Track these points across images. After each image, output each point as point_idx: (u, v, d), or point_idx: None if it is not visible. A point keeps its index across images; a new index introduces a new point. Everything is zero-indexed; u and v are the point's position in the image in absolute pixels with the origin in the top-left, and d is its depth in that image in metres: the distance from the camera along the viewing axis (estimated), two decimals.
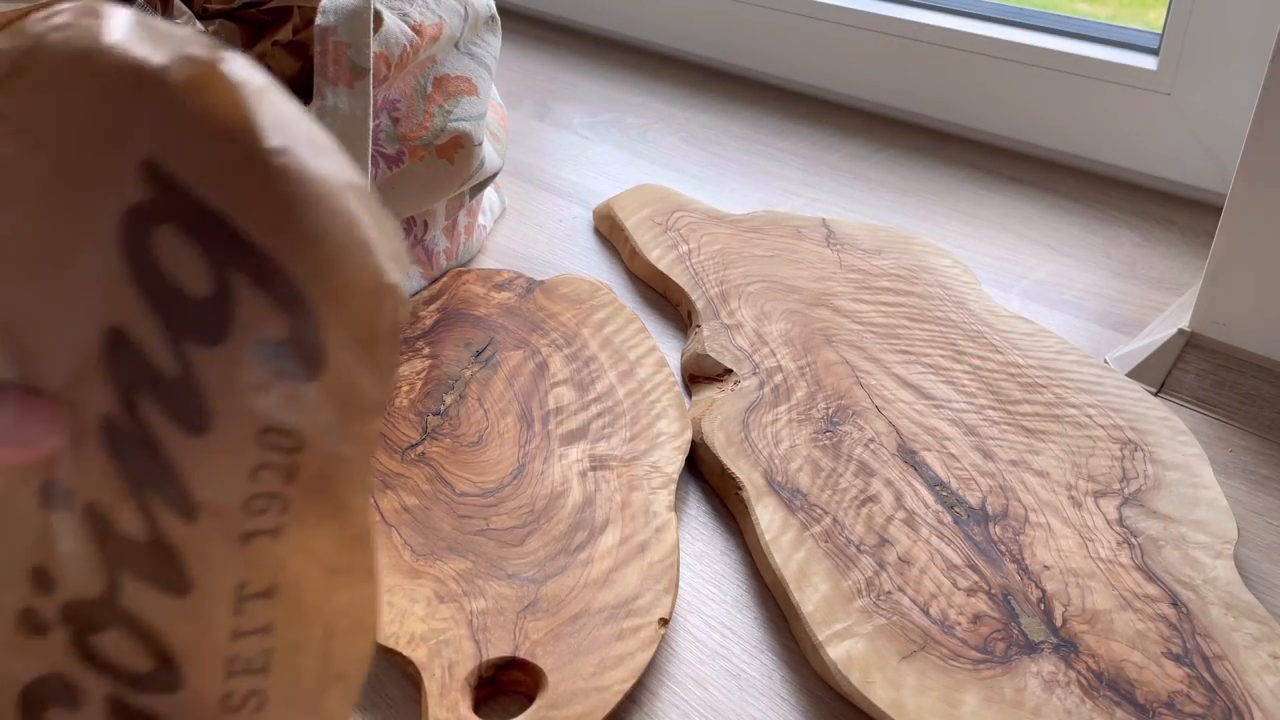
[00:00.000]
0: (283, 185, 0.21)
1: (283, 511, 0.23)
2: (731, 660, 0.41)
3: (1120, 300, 0.65)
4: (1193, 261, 0.69)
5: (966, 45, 0.84)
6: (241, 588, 0.23)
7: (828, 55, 0.94)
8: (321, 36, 0.49)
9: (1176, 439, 0.50)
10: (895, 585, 0.42)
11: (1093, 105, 0.79)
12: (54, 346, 0.21)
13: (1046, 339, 0.57)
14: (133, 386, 0.22)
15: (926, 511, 0.46)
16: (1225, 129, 0.73)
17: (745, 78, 1.02)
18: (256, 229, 0.21)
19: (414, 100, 0.58)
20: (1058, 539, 0.44)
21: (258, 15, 0.65)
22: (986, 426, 0.51)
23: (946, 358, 0.55)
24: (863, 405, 0.52)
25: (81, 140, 0.21)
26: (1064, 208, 0.76)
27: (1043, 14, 0.84)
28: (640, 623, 0.41)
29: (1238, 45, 0.71)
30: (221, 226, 0.21)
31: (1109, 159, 0.80)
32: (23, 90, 0.21)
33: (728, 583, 0.45)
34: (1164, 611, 0.41)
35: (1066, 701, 0.37)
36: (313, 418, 0.22)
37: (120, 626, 0.23)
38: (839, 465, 0.48)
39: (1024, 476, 0.48)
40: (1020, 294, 0.65)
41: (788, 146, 0.87)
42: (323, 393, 0.22)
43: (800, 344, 0.57)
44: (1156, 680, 0.38)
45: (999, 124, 0.85)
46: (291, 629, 0.24)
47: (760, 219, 0.70)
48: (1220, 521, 0.45)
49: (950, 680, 0.38)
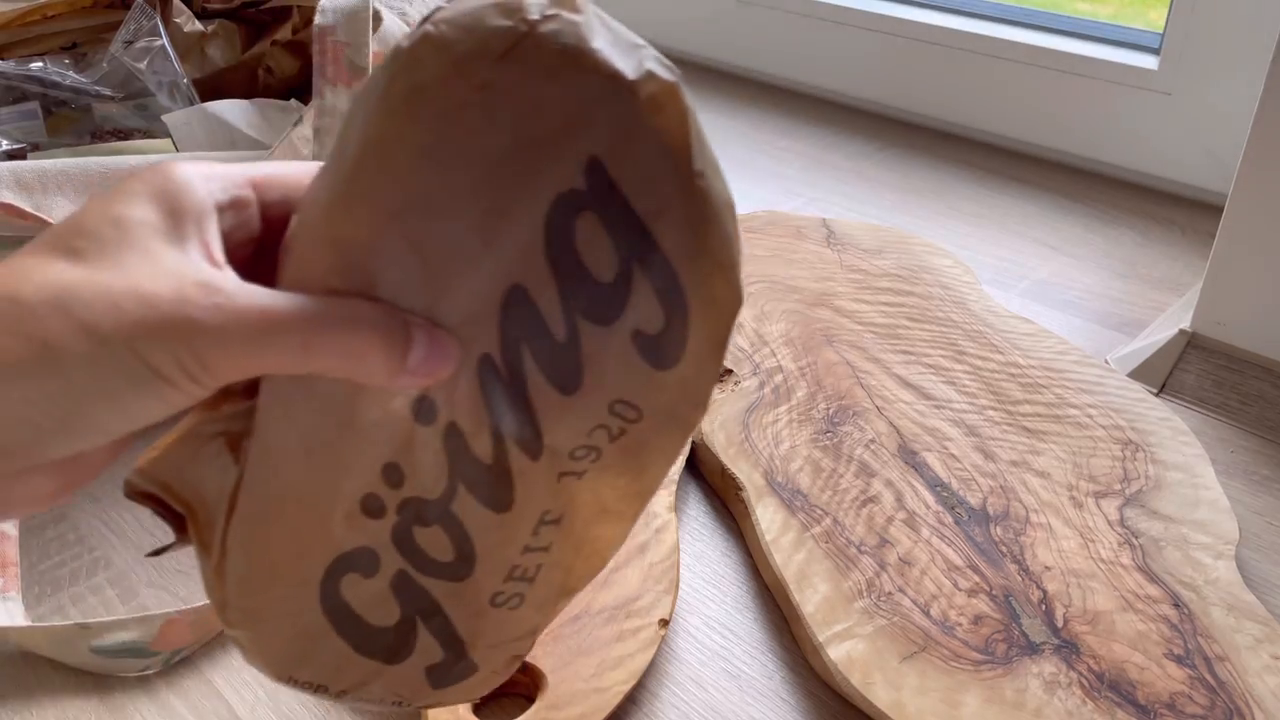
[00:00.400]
0: (697, 204, 0.24)
1: (594, 461, 0.27)
2: (732, 661, 0.41)
3: (1121, 300, 0.65)
4: (1194, 261, 0.68)
5: (968, 45, 0.84)
6: (544, 515, 0.28)
7: (829, 55, 0.94)
8: (320, 36, 0.49)
9: (1178, 439, 0.50)
10: (896, 586, 0.42)
11: (1094, 105, 0.79)
12: (462, 289, 0.25)
13: (1047, 339, 0.57)
14: (520, 339, 0.25)
15: (927, 512, 0.46)
16: (1226, 129, 0.73)
17: (746, 77, 1.01)
18: (666, 237, 0.24)
19: None
20: (1059, 540, 0.44)
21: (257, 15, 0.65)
22: (987, 427, 0.51)
23: (947, 358, 0.55)
24: (863, 406, 0.52)
25: (544, 124, 0.24)
26: (1065, 207, 0.76)
27: (1044, 14, 0.84)
28: (640, 624, 0.40)
29: (1239, 45, 0.71)
30: (639, 229, 0.24)
31: (1110, 159, 0.80)
32: (512, 69, 0.23)
33: (728, 584, 0.45)
34: (1165, 612, 0.41)
35: (1068, 703, 0.37)
36: (656, 399, 0.26)
37: (442, 525, 0.28)
38: (839, 466, 0.48)
39: (1025, 477, 0.47)
40: (1021, 294, 0.65)
41: (789, 146, 0.86)
42: (672, 381, 0.26)
43: (801, 344, 0.56)
44: (1158, 681, 0.38)
45: (1000, 124, 0.85)
46: (560, 550, 0.29)
47: (761, 218, 0.70)
48: (1221, 522, 0.45)
49: (951, 681, 0.38)
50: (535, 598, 0.30)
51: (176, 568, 0.45)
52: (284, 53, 0.64)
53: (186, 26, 0.61)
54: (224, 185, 0.26)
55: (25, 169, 0.47)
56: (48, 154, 0.55)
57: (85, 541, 0.47)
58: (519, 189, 0.24)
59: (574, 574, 0.30)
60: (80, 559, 0.46)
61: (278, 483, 0.26)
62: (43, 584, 0.45)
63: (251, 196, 0.27)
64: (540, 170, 0.24)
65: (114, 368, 0.23)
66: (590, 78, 0.23)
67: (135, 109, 0.58)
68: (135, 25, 0.58)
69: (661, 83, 0.24)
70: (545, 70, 0.23)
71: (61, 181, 0.47)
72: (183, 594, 0.44)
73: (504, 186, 0.24)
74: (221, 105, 0.55)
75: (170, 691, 0.40)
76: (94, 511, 0.48)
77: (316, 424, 0.26)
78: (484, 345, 0.25)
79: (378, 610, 0.28)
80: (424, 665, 0.29)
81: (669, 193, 0.24)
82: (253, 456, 0.26)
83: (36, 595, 0.44)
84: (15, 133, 0.57)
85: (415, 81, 0.23)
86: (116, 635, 0.40)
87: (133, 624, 0.40)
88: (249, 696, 0.40)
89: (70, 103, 0.58)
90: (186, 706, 0.39)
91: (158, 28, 0.58)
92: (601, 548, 0.29)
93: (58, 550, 0.46)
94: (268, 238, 0.27)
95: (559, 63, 0.23)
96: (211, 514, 0.27)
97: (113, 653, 0.40)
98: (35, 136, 0.57)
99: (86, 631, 0.40)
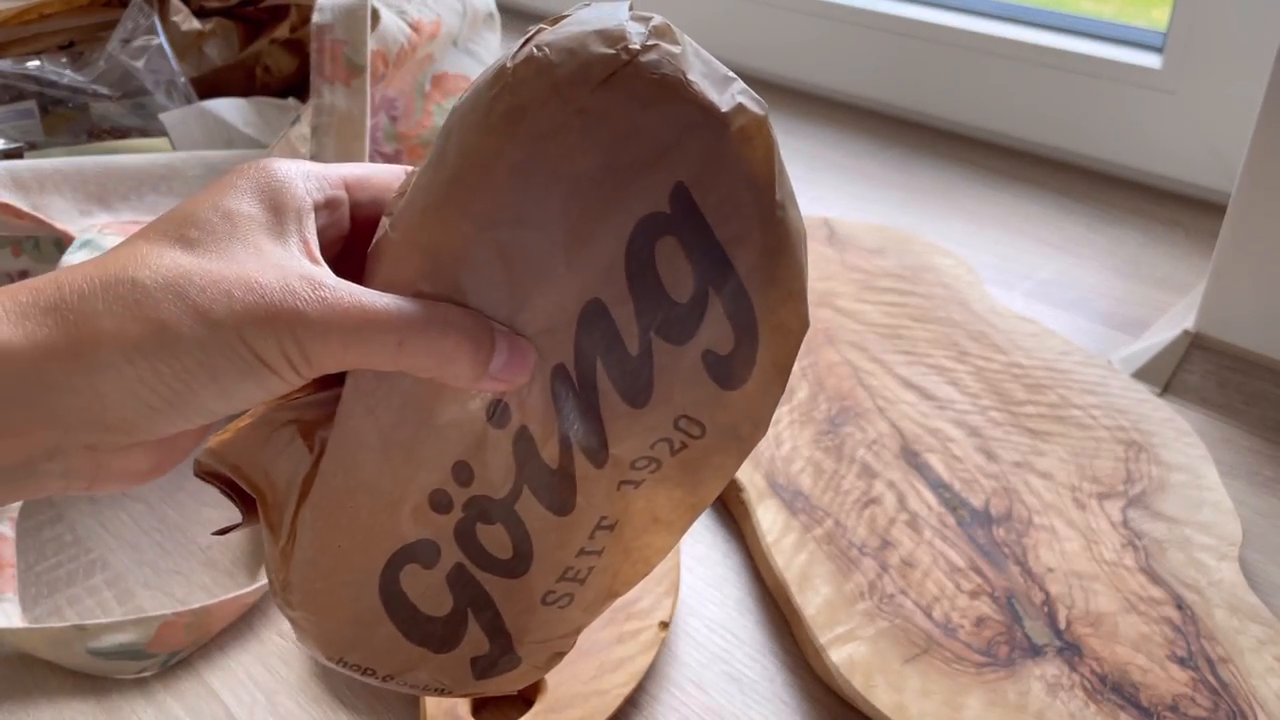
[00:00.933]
0: (775, 234, 0.26)
1: (654, 472, 0.28)
2: (732, 664, 0.41)
3: (1124, 300, 0.64)
4: (1197, 261, 0.68)
5: (971, 43, 0.84)
6: (601, 520, 0.29)
7: (831, 53, 0.93)
8: (318, 34, 0.49)
9: (1181, 440, 0.49)
10: (898, 588, 0.42)
11: (1097, 104, 0.79)
12: (543, 299, 0.26)
13: (1050, 339, 0.57)
14: (595, 352, 0.26)
15: (929, 513, 0.45)
16: (1230, 128, 0.73)
17: (747, 76, 1.01)
18: (743, 263, 0.26)
19: (412, 99, 0.58)
20: (1061, 541, 0.44)
21: (255, 13, 0.65)
22: (990, 428, 0.50)
23: (950, 358, 0.55)
24: (865, 406, 0.52)
25: (637, 150, 0.25)
26: (1068, 207, 0.76)
27: (1048, 12, 0.84)
28: (640, 626, 0.40)
29: (1243, 43, 0.71)
30: (718, 254, 0.26)
31: (1113, 158, 0.80)
32: (610, 96, 0.24)
33: (729, 586, 0.45)
34: (1168, 614, 0.40)
35: (1070, 705, 0.37)
36: (720, 417, 0.27)
37: (504, 524, 0.29)
38: (841, 467, 0.48)
39: (1028, 478, 0.47)
40: (1024, 294, 0.65)
41: (790, 144, 0.86)
42: (737, 400, 0.27)
43: (802, 344, 0.56)
44: (1161, 683, 0.38)
45: (1003, 122, 0.85)
46: (611, 554, 0.30)
47: None
48: (1225, 523, 0.44)
49: (953, 684, 0.38)
50: (583, 599, 0.31)
51: (174, 569, 0.45)
52: (282, 51, 0.64)
53: (184, 25, 0.61)
54: (320, 185, 0.28)
55: (22, 168, 0.47)
56: (44, 153, 0.54)
57: (82, 543, 0.47)
58: (606, 209, 0.25)
59: (621, 578, 0.31)
60: (77, 560, 0.46)
61: (353, 474, 0.28)
62: (39, 585, 0.45)
63: (344, 197, 0.28)
64: (628, 193, 0.25)
65: (223, 352, 0.24)
66: (685, 108, 0.25)
67: (132, 108, 0.58)
68: (132, 24, 0.58)
69: (751, 116, 0.25)
70: (643, 99, 0.25)
71: (58, 180, 0.47)
72: (179, 596, 0.44)
73: (592, 206, 0.25)
74: (219, 104, 0.55)
75: (167, 693, 0.40)
76: (91, 513, 0.48)
77: (396, 421, 0.27)
78: (559, 355, 0.26)
79: (432, 600, 0.29)
80: (470, 656, 0.30)
81: (750, 222, 0.26)
82: (331, 446, 0.27)
83: (33, 597, 0.44)
84: (12, 132, 0.56)
85: (517, 101, 0.25)
86: (113, 637, 0.40)
87: (129, 626, 0.40)
88: (246, 699, 0.40)
89: (67, 101, 0.58)
90: (183, 708, 0.39)
91: (155, 26, 0.58)
92: (650, 555, 0.30)
93: (54, 552, 0.46)
94: (355, 236, 0.29)
95: (657, 93, 0.25)
96: (281, 498, 0.28)
97: (109, 654, 0.40)
98: (32, 135, 0.57)
99: (83, 633, 0.39)
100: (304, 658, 0.41)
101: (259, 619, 0.43)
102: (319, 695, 0.40)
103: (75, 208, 0.47)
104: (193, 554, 0.46)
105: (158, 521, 0.48)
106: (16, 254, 0.51)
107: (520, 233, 0.25)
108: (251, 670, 0.41)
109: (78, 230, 0.46)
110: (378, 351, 0.25)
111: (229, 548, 0.46)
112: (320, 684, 0.40)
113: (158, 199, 0.49)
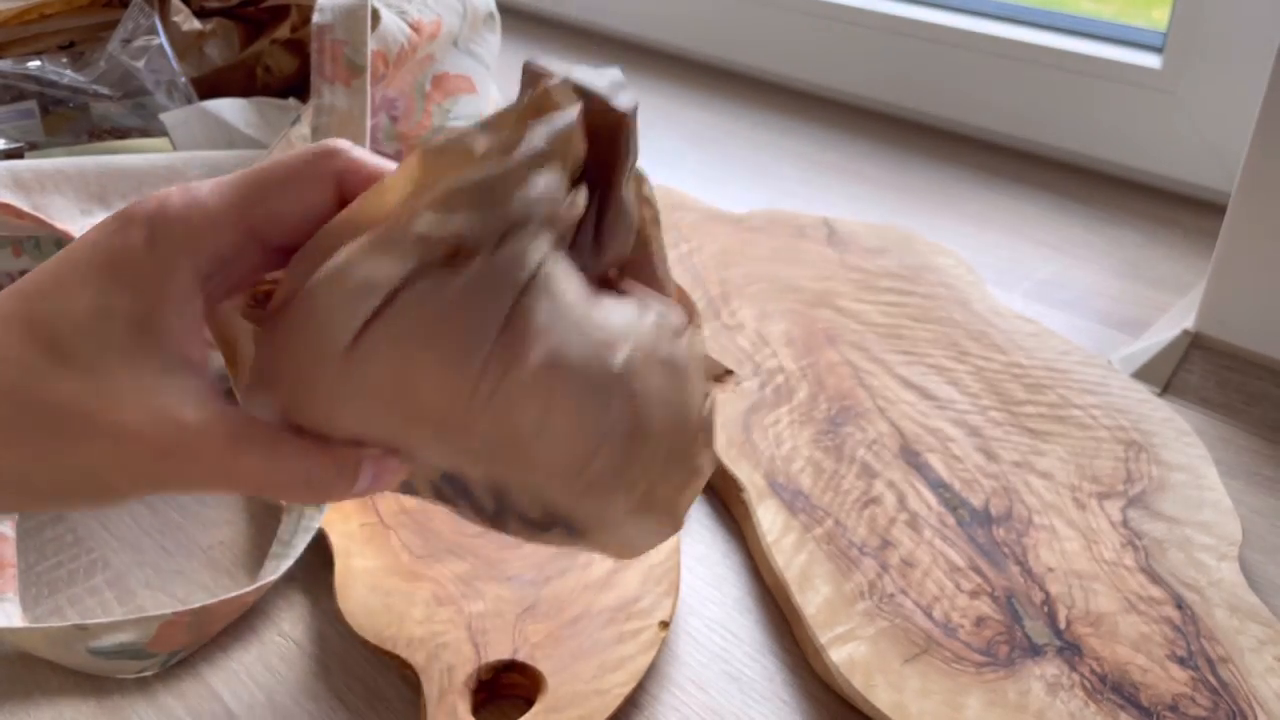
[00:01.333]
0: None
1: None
2: (733, 663, 0.41)
3: (1124, 300, 0.64)
4: (1197, 261, 0.68)
5: (970, 43, 0.84)
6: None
7: (831, 53, 0.93)
8: (318, 34, 0.49)
9: (1181, 440, 0.49)
10: (898, 588, 0.42)
11: (1096, 104, 0.79)
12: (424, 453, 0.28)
13: (1050, 339, 0.57)
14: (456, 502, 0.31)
15: (929, 513, 0.45)
16: (1230, 128, 0.73)
17: (747, 75, 1.01)
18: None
19: (413, 99, 0.58)
20: (1061, 541, 0.44)
21: (256, 13, 0.65)
22: (990, 428, 0.50)
23: (949, 358, 0.55)
24: (865, 406, 0.52)
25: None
26: (1067, 207, 0.76)
27: (1047, 12, 0.84)
28: (641, 625, 0.40)
29: (1243, 43, 0.71)
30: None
31: (1113, 158, 0.80)
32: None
33: (729, 585, 0.45)
34: (1168, 614, 0.40)
35: (1070, 705, 0.37)
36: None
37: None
38: (841, 467, 0.48)
39: (1028, 478, 0.47)
40: (1024, 294, 0.65)
41: (790, 145, 0.86)
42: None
43: (802, 344, 0.56)
44: (1161, 683, 0.38)
45: (1002, 122, 0.85)
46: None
47: (762, 218, 0.70)
48: (1225, 523, 0.45)
49: (953, 683, 0.38)
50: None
51: (175, 569, 0.45)
52: (282, 51, 0.64)
53: (184, 25, 0.61)
54: (210, 257, 0.27)
55: (22, 168, 0.47)
56: (45, 153, 0.54)
57: (83, 543, 0.47)
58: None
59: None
60: (78, 560, 0.46)
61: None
62: (40, 585, 0.45)
63: (249, 245, 0.27)
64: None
65: (86, 485, 0.27)
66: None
67: (133, 108, 0.58)
68: (133, 24, 0.58)
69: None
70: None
71: (59, 180, 0.47)
72: (180, 595, 0.44)
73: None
74: (219, 104, 0.55)
75: (168, 693, 0.40)
76: (92, 513, 0.48)
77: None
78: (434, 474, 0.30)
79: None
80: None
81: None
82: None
83: (34, 596, 0.44)
84: (12, 132, 0.56)
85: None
86: (114, 636, 0.40)
87: (130, 625, 0.40)
88: (246, 698, 0.40)
89: (68, 101, 0.58)
90: (184, 708, 0.39)
91: (155, 26, 0.58)
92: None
93: (55, 552, 0.46)
94: (274, 262, 0.28)
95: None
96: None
97: (110, 654, 0.40)
98: (32, 135, 0.57)
99: (84, 633, 0.39)
100: (304, 658, 0.41)
101: (259, 619, 0.43)
102: (319, 695, 0.40)
103: (76, 208, 0.47)
104: (194, 554, 0.46)
105: (159, 521, 0.48)
106: (17, 254, 0.51)
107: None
108: (252, 670, 0.41)
109: (78, 230, 0.46)
110: (229, 491, 0.28)
111: (230, 548, 0.46)
112: (320, 684, 0.40)
113: None
